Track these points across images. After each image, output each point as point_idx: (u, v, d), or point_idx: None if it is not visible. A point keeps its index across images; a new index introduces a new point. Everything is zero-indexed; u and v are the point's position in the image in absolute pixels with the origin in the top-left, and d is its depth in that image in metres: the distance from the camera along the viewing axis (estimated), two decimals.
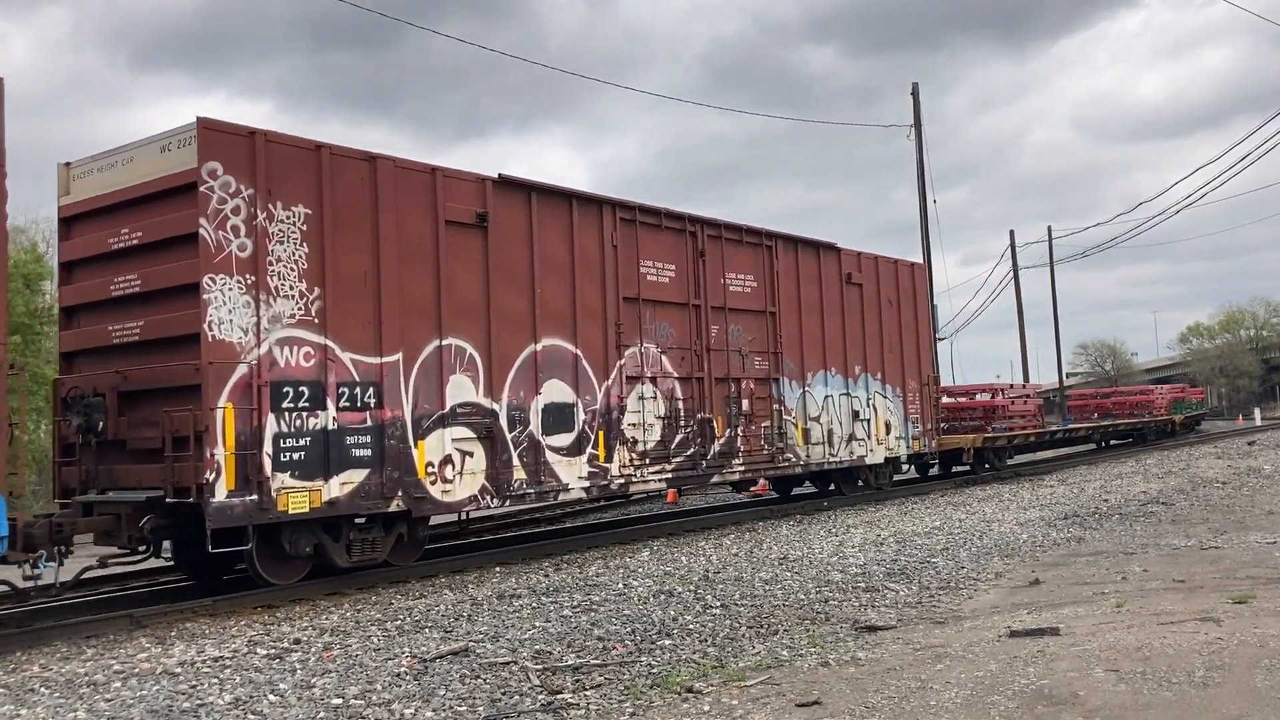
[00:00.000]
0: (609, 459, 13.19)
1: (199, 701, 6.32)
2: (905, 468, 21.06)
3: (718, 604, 8.80)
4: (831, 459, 17.44)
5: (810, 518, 16.19)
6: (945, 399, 25.02)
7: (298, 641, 8.05)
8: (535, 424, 12.25)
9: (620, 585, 10.05)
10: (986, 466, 23.21)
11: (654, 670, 6.62)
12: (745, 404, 15.57)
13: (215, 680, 6.84)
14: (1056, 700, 5.43)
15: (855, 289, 18.35)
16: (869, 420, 18.34)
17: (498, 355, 11.86)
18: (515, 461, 11.96)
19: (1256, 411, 59.44)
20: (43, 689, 6.84)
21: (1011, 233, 57.46)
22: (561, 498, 12.71)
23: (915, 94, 34.07)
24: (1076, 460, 27.66)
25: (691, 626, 7.92)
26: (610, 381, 13.32)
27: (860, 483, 19.03)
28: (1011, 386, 28.18)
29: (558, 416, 12.56)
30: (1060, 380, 59.21)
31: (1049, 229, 55.85)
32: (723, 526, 15.29)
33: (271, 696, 6.36)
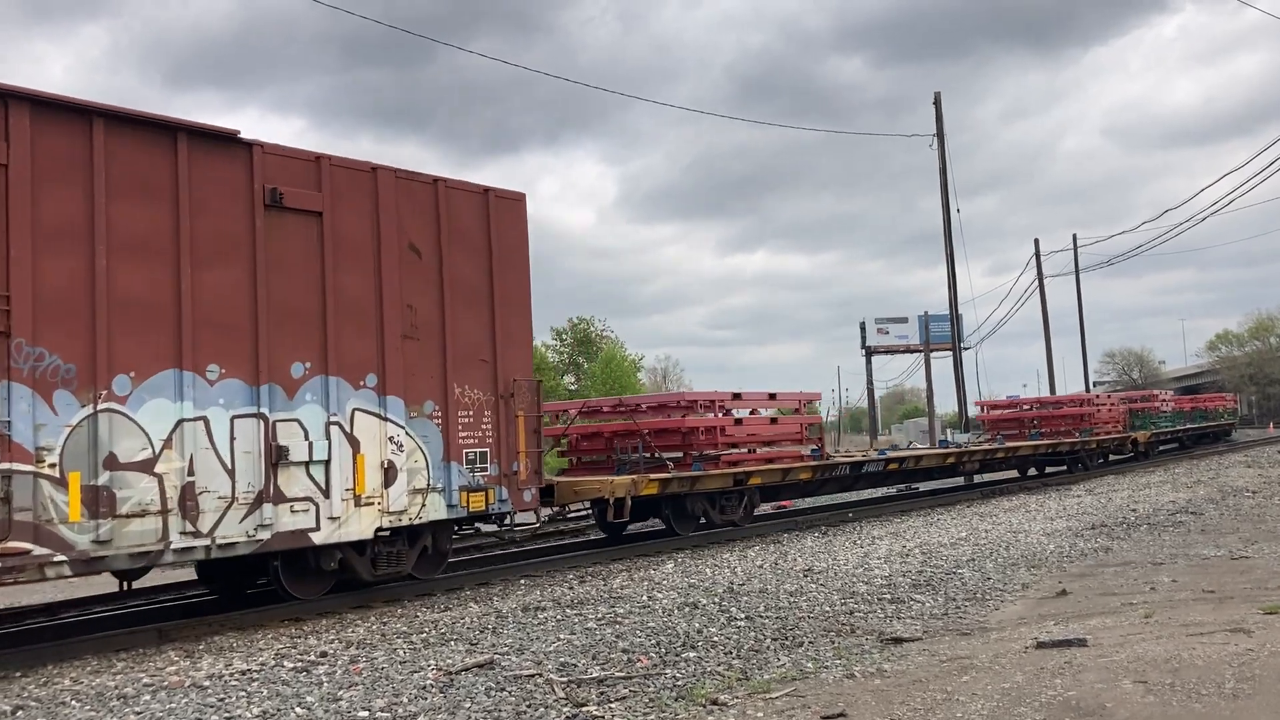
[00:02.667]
0: None
1: (227, 715, 6.37)
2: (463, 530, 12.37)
3: (742, 616, 8.79)
4: (193, 542, 9.02)
5: (835, 530, 16.14)
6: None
7: (324, 654, 8.10)
8: None
9: (645, 597, 10.05)
10: (726, 520, 15.41)
11: (679, 683, 6.61)
12: None
13: (243, 693, 6.89)
14: (1084, 712, 5.39)
15: (296, 220, 10.09)
16: (326, 463, 10.01)
17: None
18: None
19: None
20: (74, 702, 6.90)
21: (1036, 241, 57.16)
22: None
23: (937, 103, 34.03)
24: (1104, 470, 27.39)
25: (716, 639, 7.91)
26: None
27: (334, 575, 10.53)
28: (735, 397, 16.38)
29: None
30: (1087, 389, 58.77)
31: (1074, 237, 55.68)
32: (747, 539, 15.27)
33: (299, 709, 6.40)
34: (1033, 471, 26.60)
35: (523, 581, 11.87)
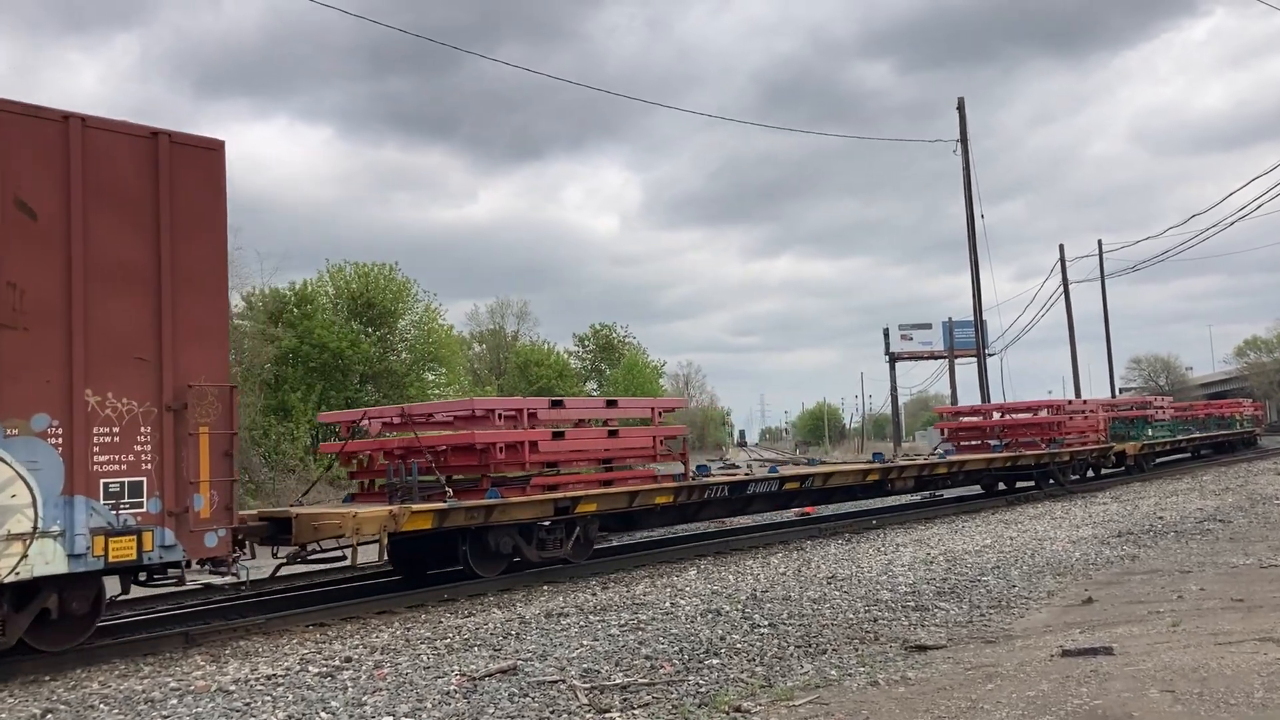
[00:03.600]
0: None
1: (253, 719, 6.41)
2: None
3: (765, 623, 8.77)
4: None
5: (859, 536, 16.07)
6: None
7: (349, 660, 8.13)
8: None
9: (668, 604, 10.05)
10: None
11: (702, 689, 6.61)
12: None
13: (268, 698, 6.93)
14: None
15: None
16: None
17: None
18: None
19: None
20: (102, 705, 6.97)
21: (1061, 247, 56.87)
22: None
23: (961, 109, 33.93)
24: (1129, 477, 27.16)
25: (739, 645, 7.90)
26: None
27: None
28: (556, 405, 13.50)
29: None
30: (1112, 395, 58.32)
31: (1099, 243, 55.32)
32: (770, 546, 15.23)
33: (324, 714, 6.44)
34: (1002, 486, 23.34)
35: (545, 587, 11.88)
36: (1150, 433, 29.87)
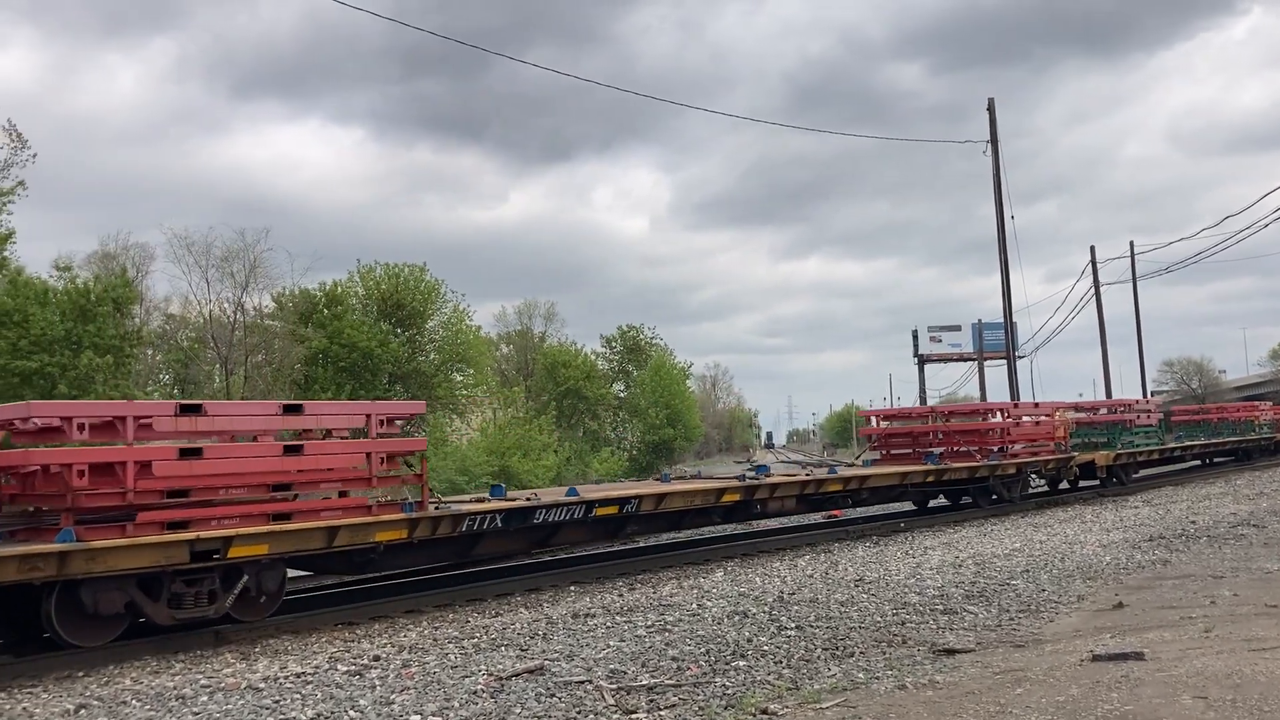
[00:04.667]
0: None
1: (282, 716, 6.46)
2: None
3: (793, 625, 8.75)
4: None
5: (887, 539, 16.00)
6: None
7: (377, 658, 8.18)
8: None
9: (694, 605, 10.04)
10: None
11: (729, 691, 6.60)
12: None
13: (298, 696, 6.99)
14: None
15: None
16: None
17: None
18: None
19: None
20: (134, 701, 7.04)
21: (1092, 248, 56.42)
22: None
23: (991, 109, 33.74)
24: (1162, 480, 26.86)
25: (766, 648, 7.89)
26: None
27: None
28: (188, 411, 9.62)
29: None
30: (1144, 398, 57.77)
31: (1131, 244, 54.85)
32: (797, 548, 15.19)
33: (352, 712, 6.48)
34: (954, 501, 20.38)
35: (572, 588, 11.91)
36: (1128, 440, 25.80)
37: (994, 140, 33.31)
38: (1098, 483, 23.66)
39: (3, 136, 28.22)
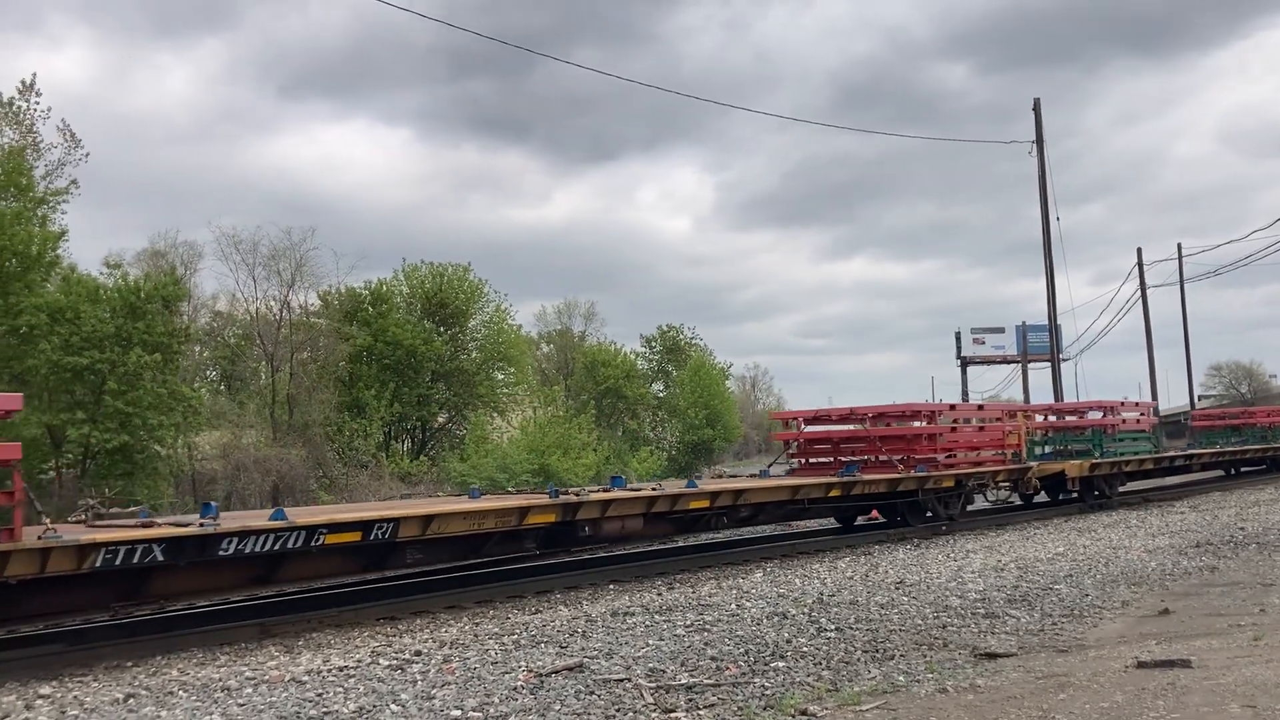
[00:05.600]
0: None
1: (325, 709, 6.54)
2: None
3: (832, 627, 8.72)
4: None
5: (928, 542, 15.89)
6: None
7: (418, 653, 8.26)
8: None
9: (733, 606, 10.04)
10: None
11: (767, 692, 6.59)
12: None
13: (340, 689, 7.07)
14: None
15: None
16: None
17: None
18: None
19: None
20: (181, 692, 7.16)
21: (1139, 250, 55.67)
22: None
23: (1037, 110, 33.41)
24: (1209, 486, 26.41)
25: (805, 649, 7.87)
26: None
27: None
28: None
29: None
30: (1191, 404, 56.91)
31: (1179, 246, 54.07)
32: (837, 549, 15.12)
33: (394, 706, 6.54)
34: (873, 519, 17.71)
35: (611, 586, 11.94)
36: (1112, 447, 22.54)
37: (1039, 141, 32.98)
38: (1075, 495, 20.89)
39: (56, 136, 28.75)
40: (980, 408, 20.61)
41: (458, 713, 6.34)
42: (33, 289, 26.07)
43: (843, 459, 17.02)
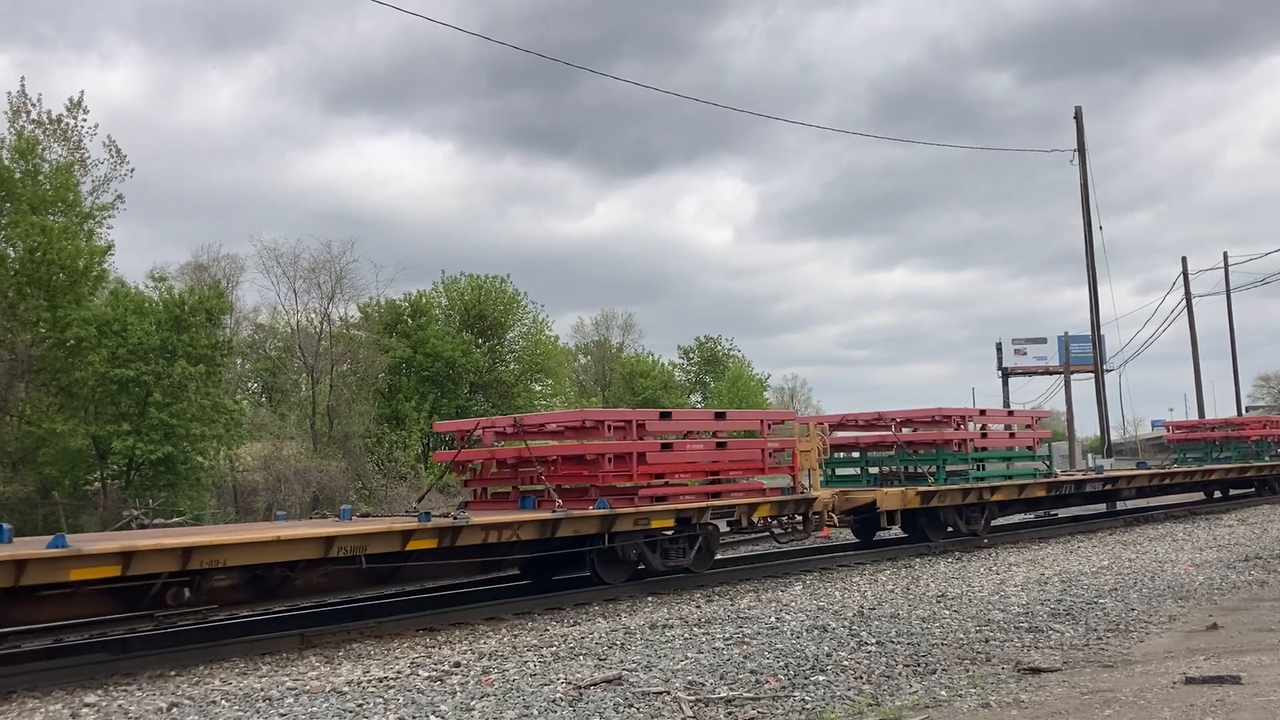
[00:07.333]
0: None
1: None
2: None
3: (873, 641, 8.64)
4: None
5: (970, 555, 15.72)
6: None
7: (457, 665, 8.28)
8: None
9: (773, 618, 9.98)
10: None
11: (808, 705, 6.54)
12: None
13: (380, 700, 7.10)
14: None
15: None
16: None
17: None
18: None
19: None
20: (223, 701, 7.22)
21: (1184, 259, 54.88)
22: None
23: (1078, 118, 33.11)
24: (1258, 500, 25.90)
25: (846, 663, 7.80)
26: None
27: None
28: None
29: None
30: (1239, 415, 55.94)
31: (1224, 255, 53.28)
32: (878, 562, 15.00)
33: (433, 718, 6.56)
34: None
35: (649, 599, 11.91)
36: (959, 469, 17.16)
37: (1081, 149, 32.67)
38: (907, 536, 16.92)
39: (103, 152, 29.26)
40: (719, 416, 14.17)
41: None
42: (80, 302, 26.53)
43: (522, 490, 12.92)
